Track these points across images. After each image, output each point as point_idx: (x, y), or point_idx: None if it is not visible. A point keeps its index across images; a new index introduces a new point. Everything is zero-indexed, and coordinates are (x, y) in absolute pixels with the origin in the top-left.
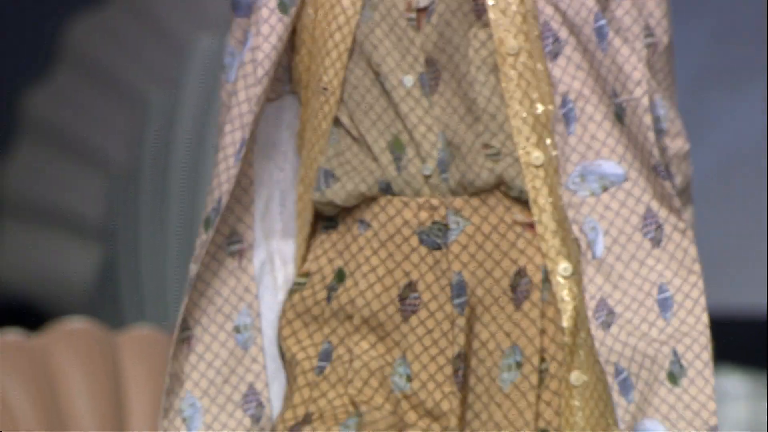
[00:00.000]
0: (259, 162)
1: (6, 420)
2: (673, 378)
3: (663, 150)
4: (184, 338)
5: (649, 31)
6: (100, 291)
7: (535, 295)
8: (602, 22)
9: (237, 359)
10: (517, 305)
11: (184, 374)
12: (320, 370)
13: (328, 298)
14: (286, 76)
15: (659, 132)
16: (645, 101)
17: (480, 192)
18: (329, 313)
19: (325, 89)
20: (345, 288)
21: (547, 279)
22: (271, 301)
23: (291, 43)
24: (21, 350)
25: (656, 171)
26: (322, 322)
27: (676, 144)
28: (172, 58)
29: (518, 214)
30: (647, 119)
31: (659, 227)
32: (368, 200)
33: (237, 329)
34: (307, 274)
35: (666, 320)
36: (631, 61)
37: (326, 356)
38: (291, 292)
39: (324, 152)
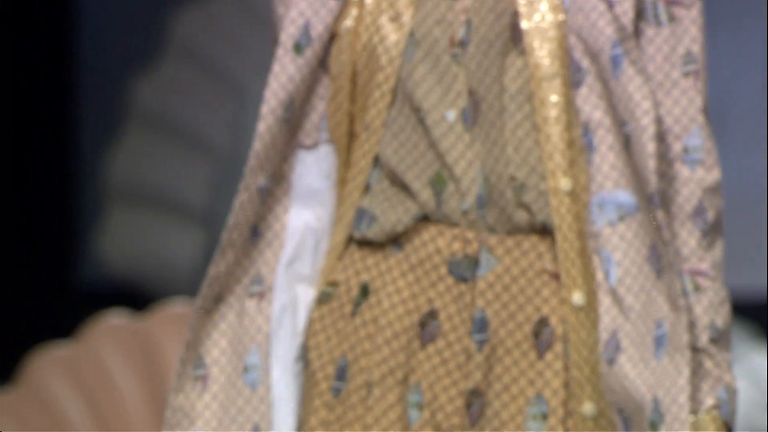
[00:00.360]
0: (295, 209)
1: (112, 399)
2: (654, 425)
3: (698, 182)
4: (199, 376)
5: (691, 58)
6: (203, 273)
7: (558, 347)
8: (618, 50)
9: (245, 399)
10: (540, 354)
11: (196, 412)
12: (336, 392)
13: (353, 313)
14: (323, 124)
15: (695, 162)
16: (651, 129)
17: (517, 230)
18: (351, 328)
19: (367, 128)
20: (369, 305)
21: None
22: (288, 344)
23: (322, 90)
24: (126, 331)
25: (651, 200)
26: (343, 336)
27: (712, 176)
28: (273, 48)
29: (548, 263)
30: (651, 147)
31: (659, 258)
32: None
33: (246, 369)
34: (334, 284)
35: (658, 359)
36: (643, 91)
37: (342, 374)
38: (320, 302)
39: (361, 189)
